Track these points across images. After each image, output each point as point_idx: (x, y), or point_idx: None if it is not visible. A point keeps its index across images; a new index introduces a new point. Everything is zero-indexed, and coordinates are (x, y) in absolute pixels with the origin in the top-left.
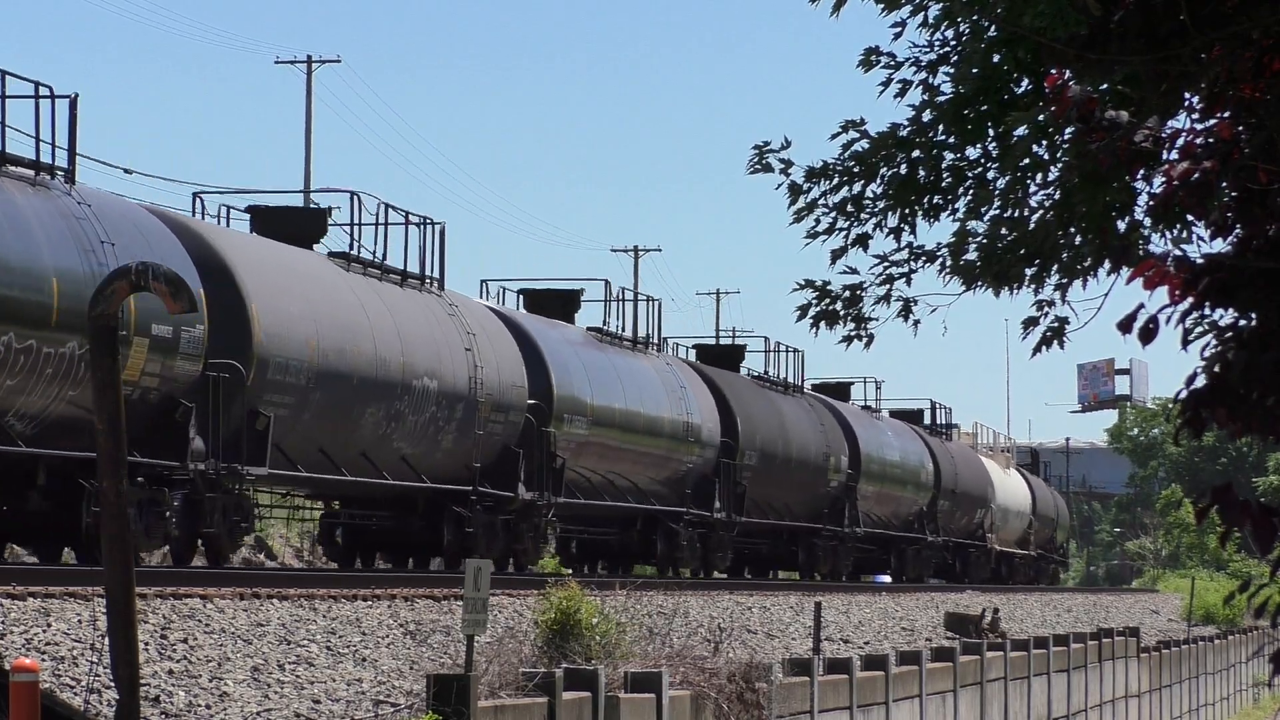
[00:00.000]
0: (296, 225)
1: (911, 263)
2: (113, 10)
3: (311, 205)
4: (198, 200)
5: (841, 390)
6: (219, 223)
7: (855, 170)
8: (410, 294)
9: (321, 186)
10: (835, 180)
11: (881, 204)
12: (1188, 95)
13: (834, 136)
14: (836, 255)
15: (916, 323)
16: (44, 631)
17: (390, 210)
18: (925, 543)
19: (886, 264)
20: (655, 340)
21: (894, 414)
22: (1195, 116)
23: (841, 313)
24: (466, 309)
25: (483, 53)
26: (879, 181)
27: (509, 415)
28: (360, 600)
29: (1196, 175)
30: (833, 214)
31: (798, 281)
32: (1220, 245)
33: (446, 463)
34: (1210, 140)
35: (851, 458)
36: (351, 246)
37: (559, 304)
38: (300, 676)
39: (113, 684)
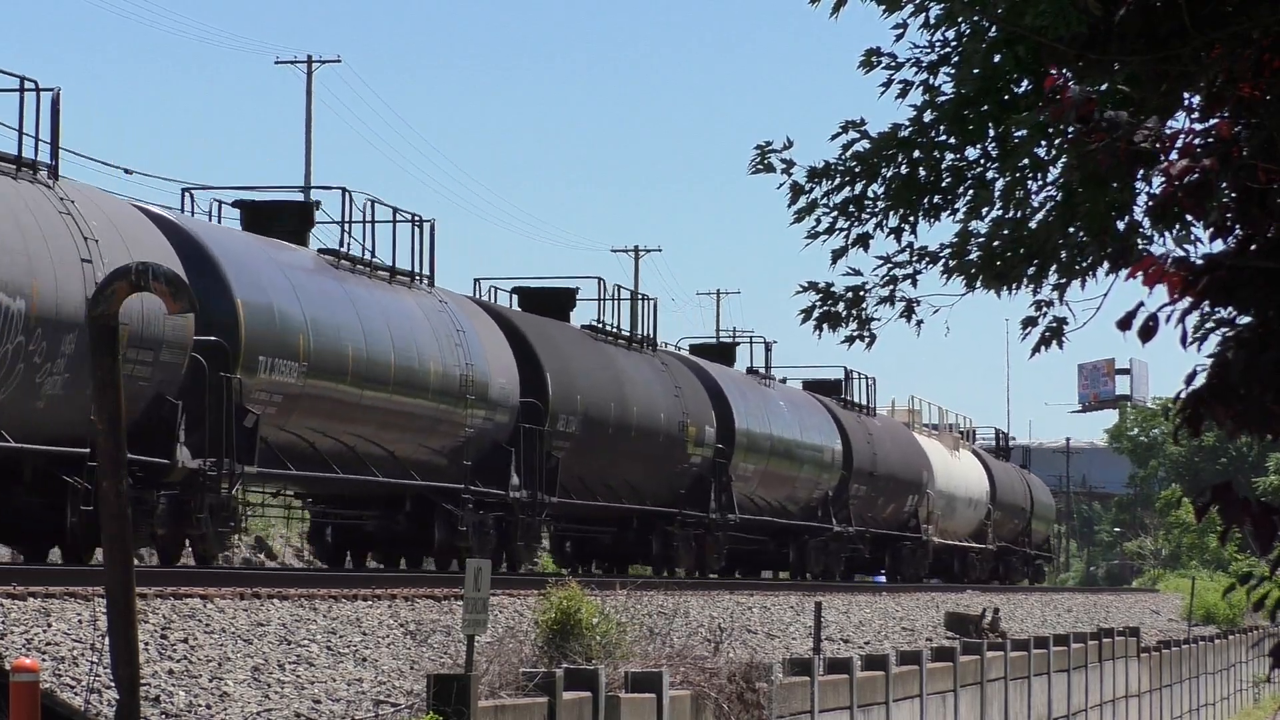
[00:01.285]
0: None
1: (915, 263)
2: (113, 10)
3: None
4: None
5: (724, 352)
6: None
7: (856, 170)
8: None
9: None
10: (836, 180)
11: (882, 204)
12: (1187, 95)
13: (834, 137)
14: (837, 255)
15: (919, 323)
16: (44, 631)
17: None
18: (833, 534)
19: (889, 265)
20: (420, 271)
21: (807, 385)
22: (1195, 116)
23: (844, 314)
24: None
25: (483, 53)
26: (880, 182)
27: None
28: (360, 600)
29: (1196, 175)
30: (833, 214)
31: (800, 284)
32: (1219, 246)
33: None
34: (1210, 140)
35: (722, 429)
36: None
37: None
38: (300, 676)
39: (113, 684)
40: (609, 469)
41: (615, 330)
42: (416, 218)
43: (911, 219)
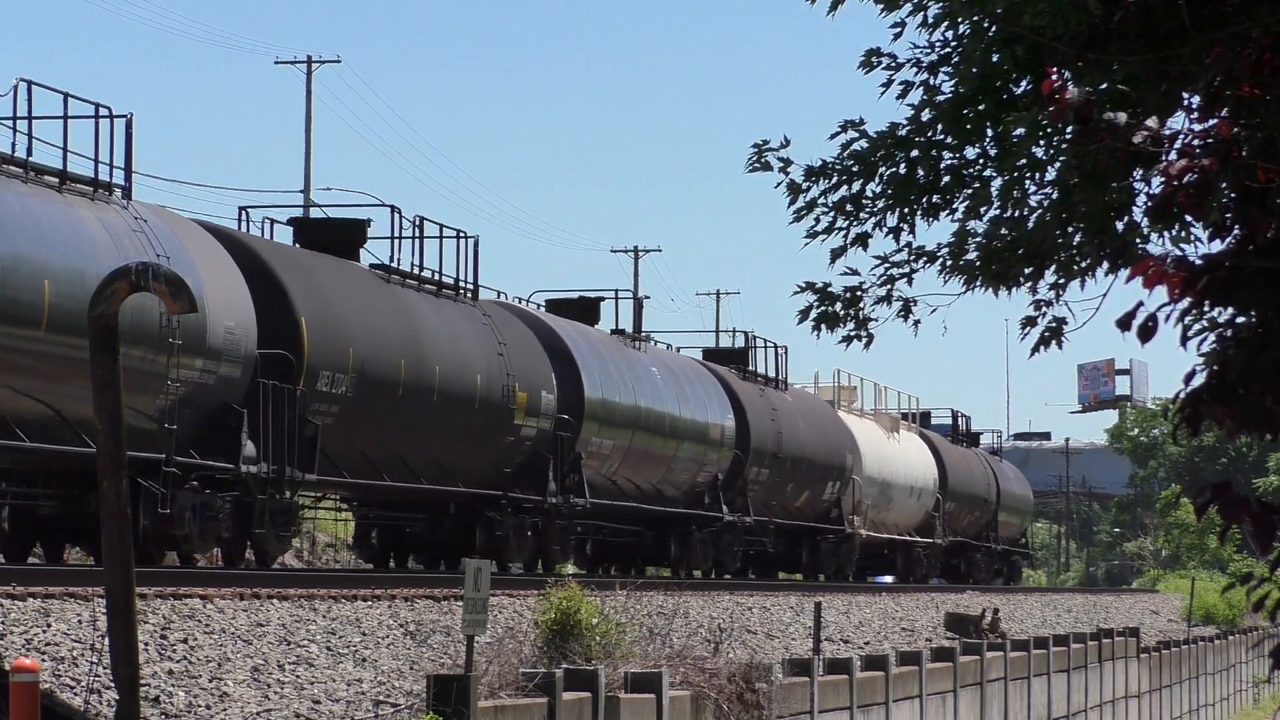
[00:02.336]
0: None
1: (912, 263)
2: (112, 10)
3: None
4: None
5: (587, 310)
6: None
7: (854, 169)
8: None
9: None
10: (834, 179)
11: (881, 203)
12: (1187, 95)
13: (833, 136)
14: (836, 255)
15: (917, 323)
16: (44, 631)
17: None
18: (723, 523)
19: (887, 264)
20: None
21: (708, 354)
22: (1194, 116)
23: (842, 314)
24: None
25: (483, 53)
26: (878, 181)
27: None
28: (360, 600)
29: (1195, 175)
30: (832, 213)
31: (798, 284)
32: (1219, 246)
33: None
34: (1209, 140)
35: (567, 397)
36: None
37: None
38: (300, 677)
39: (113, 684)
40: (404, 442)
41: (418, 272)
42: (461, 234)
43: (910, 218)
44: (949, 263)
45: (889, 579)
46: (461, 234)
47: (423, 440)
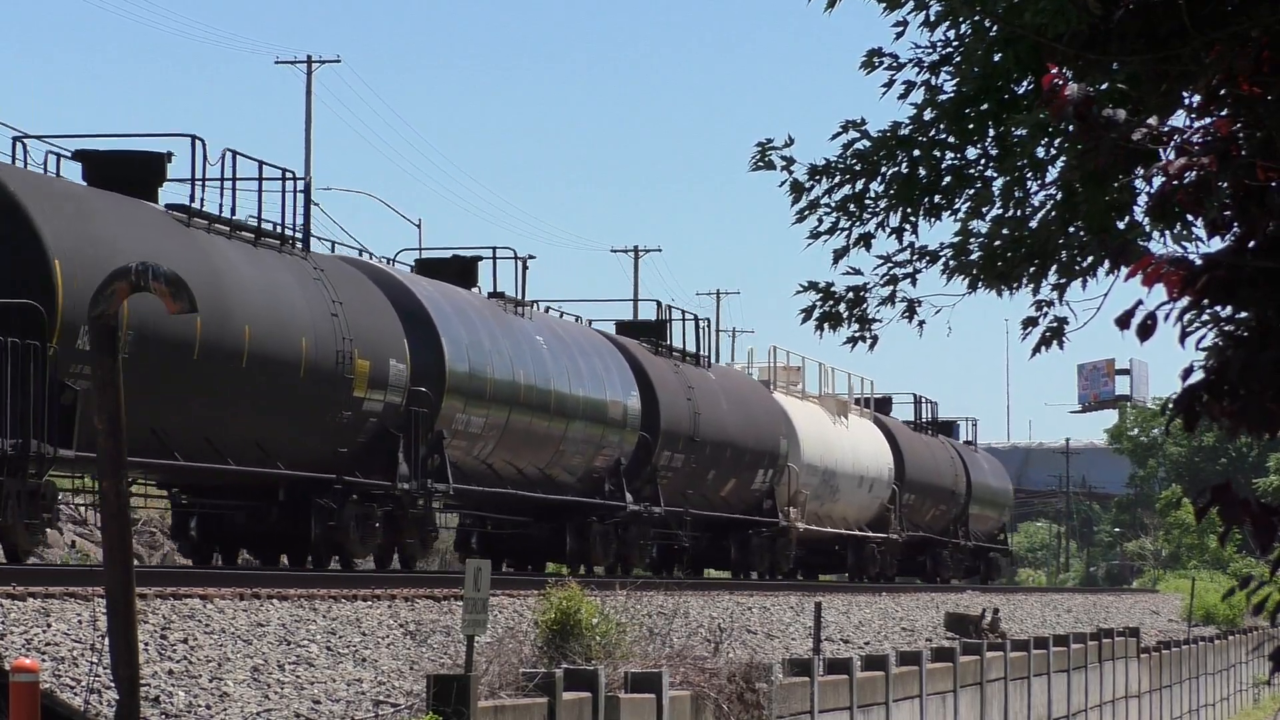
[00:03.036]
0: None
1: (915, 263)
2: (112, 10)
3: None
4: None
5: (463, 271)
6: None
7: (857, 168)
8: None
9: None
10: (837, 178)
11: (883, 203)
12: (1187, 95)
13: (834, 136)
14: (839, 255)
15: (921, 323)
16: (44, 631)
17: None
18: (628, 513)
19: (890, 264)
20: None
21: (621, 327)
22: (1194, 115)
23: (845, 314)
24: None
25: (482, 53)
26: (880, 180)
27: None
28: (360, 600)
29: (1194, 173)
30: (835, 213)
31: (801, 284)
32: (1218, 243)
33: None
34: (1208, 137)
35: (424, 367)
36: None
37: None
38: (300, 677)
39: (113, 684)
40: (206, 415)
41: (229, 218)
42: (287, 174)
43: (913, 218)
44: (952, 263)
45: (833, 578)
46: (289, 174)
47: (231, 414)
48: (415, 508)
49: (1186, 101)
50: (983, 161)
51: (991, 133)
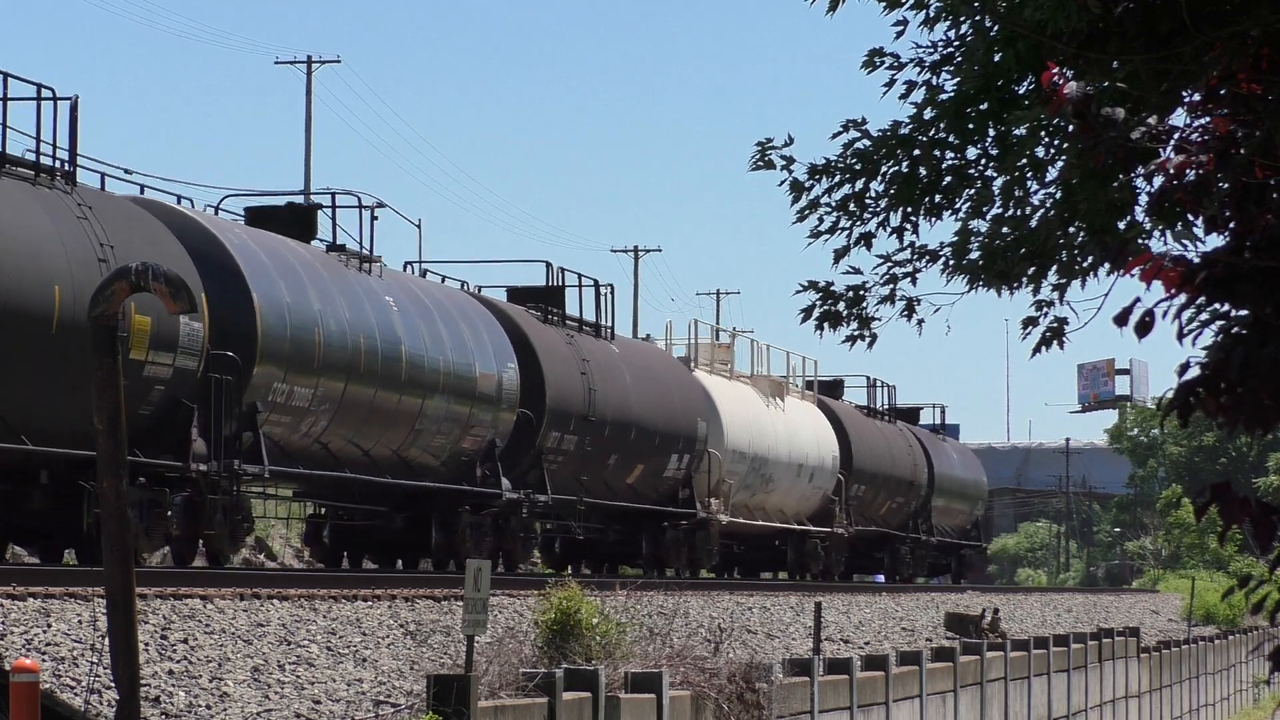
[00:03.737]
0: None
1: (915, 262)
2: (113, 10)
3: None
4: None
5: (301, 221)
6: None
7: (857, 168)
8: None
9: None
10: (838, 178)
11: (884, 202)
12: (1187, 94)
13: (834, 136)
14: (839, 255)
15: (920, 322)
16: (44, 632)
17: None
18: (504, 502)
19: (890, 264)
20: None
21: (513, 293)
22: (1193, 114)
23: (844, 313)
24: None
25: (483, 53)
26: (881, 180)
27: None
28: (360, 600)
29: (1194, 172)
30: (835, 213)
31: (801, 283)
32: (1216, 240)
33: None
34: (1207, 136)
35: (229, 326)
36: None
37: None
38: (300, 677)
39: (113, 684)
40: None
41: None
42: (44, 91)
43: (913, 218)
44: (952, 262)
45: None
46: (48, 92)
47: None
48: (217, 493)
49: (1186, 100)
50: (983, 161)
51: (992, 132)
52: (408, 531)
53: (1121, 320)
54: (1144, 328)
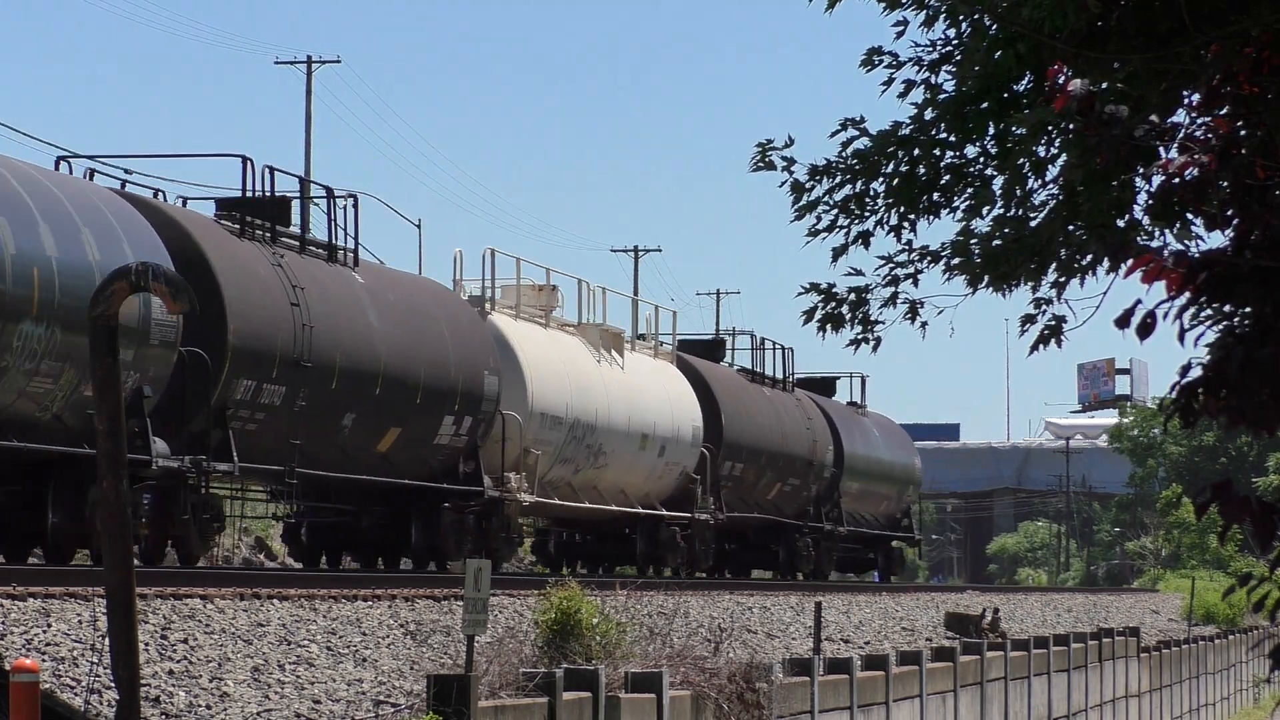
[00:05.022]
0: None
1: (916, 263)
2: (112, 10)
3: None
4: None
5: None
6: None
7: (857, 168)
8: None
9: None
10: (837, 178)
11: (883, 202)
12: (1187, 94)
13: (833, 135)
14: (838, 253)
15: (924, 324)
16: (44, 632)
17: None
18: (157, 470)
19: (891, 265)
20: None
21: (222, 204)
22: (1195, 113)
23: (847, 315)
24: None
25: (483, 53)
26: (881, 179)
27: None
28: (360, 600)
29: (1195, 171)
30: (834, 212)
31: (803, 285)
32: (1217, 238)
33: None
34: (1208, 135)
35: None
36: None
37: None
38: (300, 677)
39: (113, 684)
40: None
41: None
42: None
43: (912, 217)
44: (953, 262)
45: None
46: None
47: None
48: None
49: (1187, 100)
50: (982, 160)
51: (991, 131)
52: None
53: (1123, 322)
54: (1146, 329)
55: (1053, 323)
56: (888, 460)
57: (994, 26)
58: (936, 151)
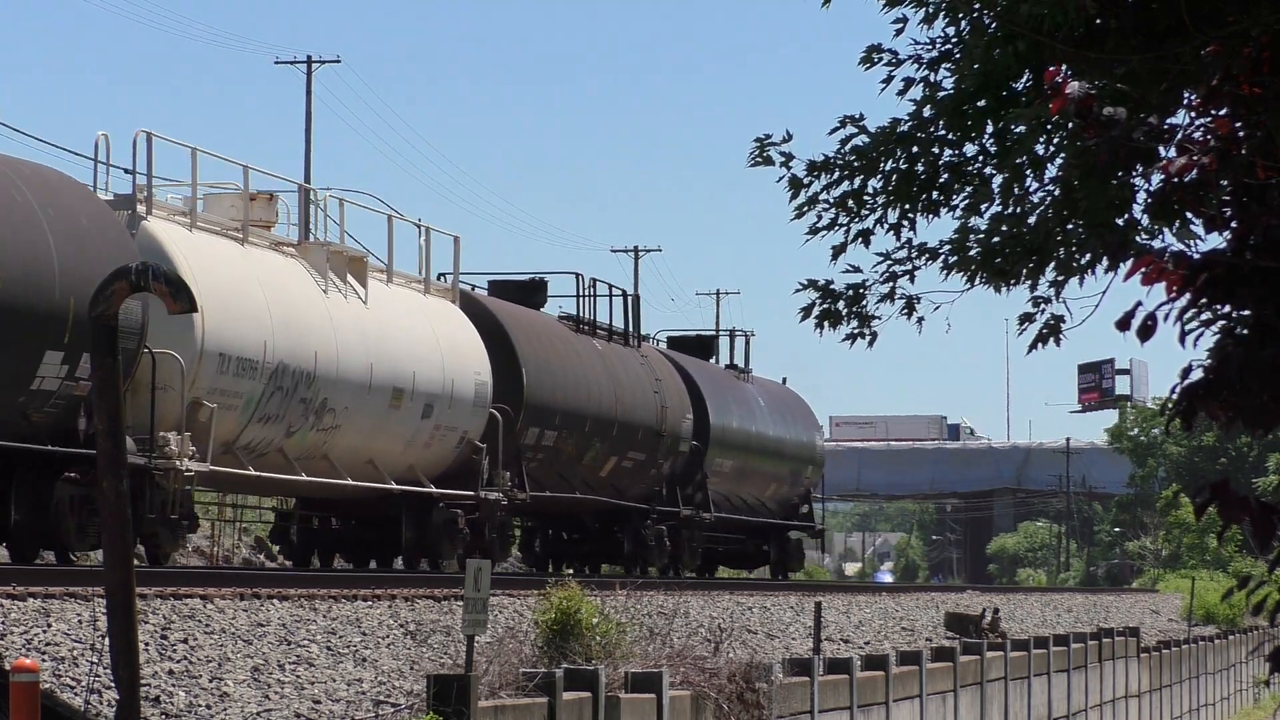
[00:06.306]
0: None
1: (914, 260)
2: (113, 10)
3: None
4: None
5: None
6: None
7: (855, 165)
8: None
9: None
10: (836, 175)
11: (882, 200)
12: (1187, 94)
13: (832, 132)
14: (838, 251)
15: (920, 320)
16: (44, 631)
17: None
18: None
19: (889, 261)
20: None
21: None
22: (1194, 113)
23: (844, 312)
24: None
25: (483, 53)
26: (879, 176)
27: None
28: (360, 600)
29: (1195, 172)
30: (833, 209)
31: (800, 281)
32: (1217, 238)
33: None
34: (1208, 136)
35: None
36: None
37: None
38: (300, 676)
39: (113, 684)
40: None
41: None
42: None
43: (911, 215)
44: (951, 259)
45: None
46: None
47: None
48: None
49: (1187, 100)
50: (981, 158)
51: (990, 129)
52: None
53: (1124, 324)
54: (1146, 331)
55: (1051, 322)
56: (775, 435)
57: (993, 24)
58: (935, 149)
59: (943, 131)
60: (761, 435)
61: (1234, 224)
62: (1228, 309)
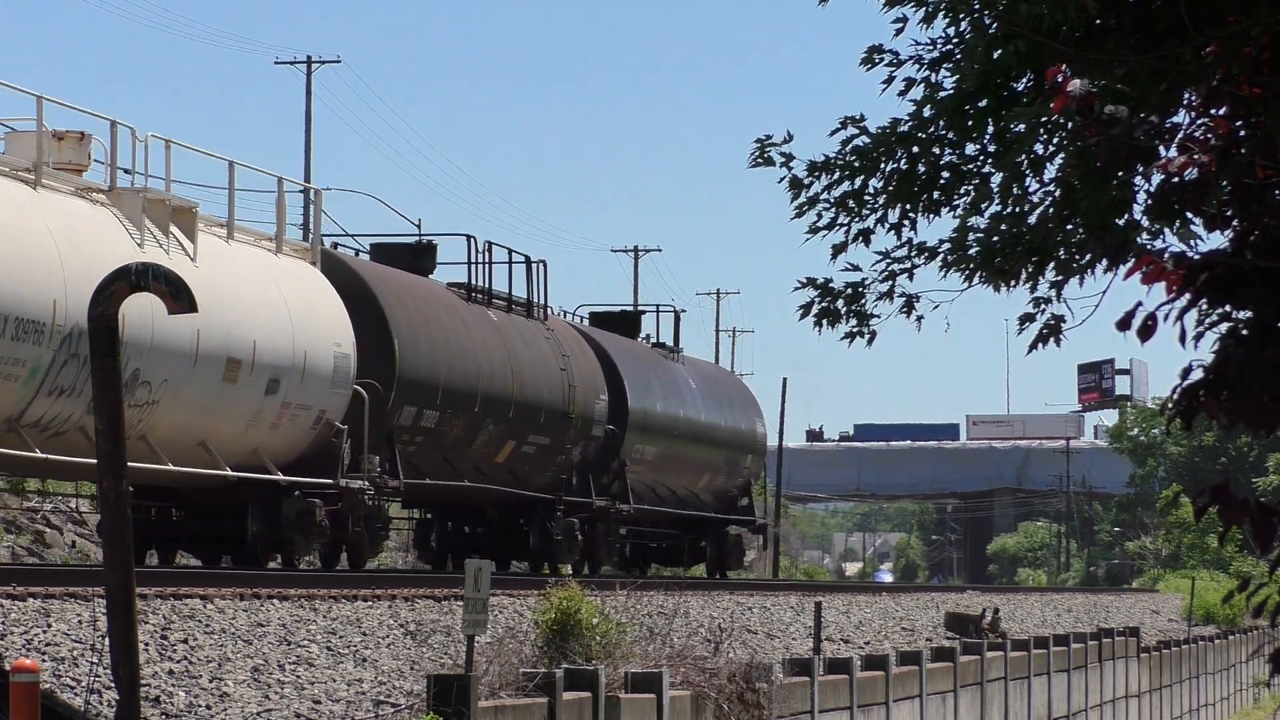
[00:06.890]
0: None
1: (913, 259)
2: (113, 10)
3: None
4: None
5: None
6: None
7: (856, 165)
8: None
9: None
10: (836, 175)
11: (882, 199)
12: (1187, 94)
13: (833, 133)
14: (838, 250)
15: (919, 319)
16: (44, 631)
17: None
18: None
19: (889, 260)
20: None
21: None
22: (1195, 113)
23: (843, 310)
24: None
25: (482, 53)
26: (880, 176)
27: None
28: (360, 600)
29: (1195, 172)
30: (834, 209)
31: (799, 280)
32: (1217, 238)
33: None
34: (1208, 136)
35: None
36: None
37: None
38: (300, 677)
39: (113, 684)
40: None
41: None
42: None
43: (911, 214)
44: (950, 258)
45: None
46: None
47: None
48: None
49: (1187, 100)
50: (981, 158)
51: (990, 129)
52: None
53: (1124, 325)
54: (1147, 332)
55: (1051, 322)
56: (708, 421)
57: (993, 24)
58: (936, 149)
59: (943, 131)
60: (691, 420)
61: (1234, 224)
62: (1228, 309)
